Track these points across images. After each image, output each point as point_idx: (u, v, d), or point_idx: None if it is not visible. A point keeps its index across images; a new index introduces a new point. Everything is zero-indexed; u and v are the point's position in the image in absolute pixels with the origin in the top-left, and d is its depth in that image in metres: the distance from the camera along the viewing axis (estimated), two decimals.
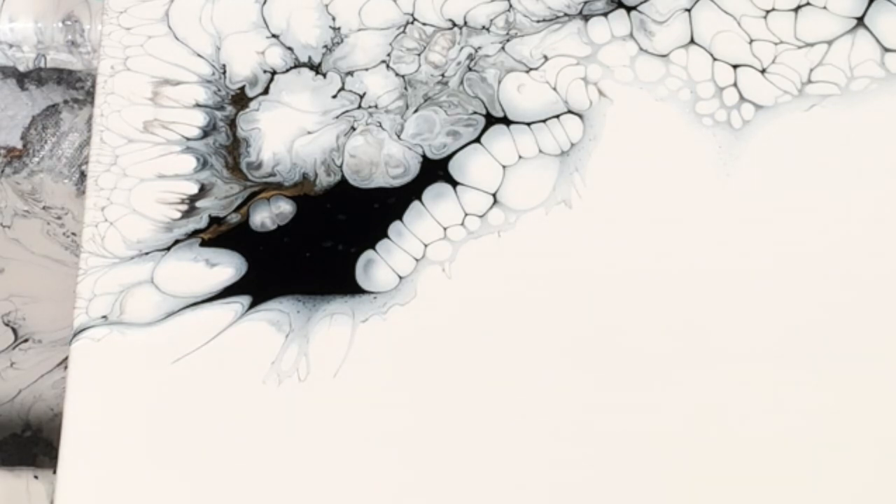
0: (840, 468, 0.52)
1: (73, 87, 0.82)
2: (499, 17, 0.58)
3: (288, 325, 0.54)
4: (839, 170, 0.55)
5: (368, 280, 0.54)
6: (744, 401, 0.53)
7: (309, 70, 0.57)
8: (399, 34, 0.58)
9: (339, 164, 0.56)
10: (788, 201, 0.55)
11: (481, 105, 0.56)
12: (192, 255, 0.55)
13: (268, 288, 0.54)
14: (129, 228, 0.55)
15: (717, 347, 0.53)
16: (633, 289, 0.54)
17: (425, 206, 0.55)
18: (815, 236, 0.55)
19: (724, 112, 0.56)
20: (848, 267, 0.54)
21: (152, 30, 0.58)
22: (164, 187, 0.56)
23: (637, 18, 0.57)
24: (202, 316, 0.54)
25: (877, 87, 0.56)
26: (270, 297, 0.54)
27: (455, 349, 0.53)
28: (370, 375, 0.53)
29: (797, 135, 0.56)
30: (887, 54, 0.57)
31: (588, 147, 0.56)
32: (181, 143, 0.56)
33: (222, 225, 0.55)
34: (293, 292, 0.54)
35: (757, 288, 0.54)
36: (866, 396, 0.53)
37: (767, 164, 0.55)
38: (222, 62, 0.57)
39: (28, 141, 0.81)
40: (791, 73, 0.56)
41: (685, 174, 0.55)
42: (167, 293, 0.54)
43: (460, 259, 0.55)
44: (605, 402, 0.53)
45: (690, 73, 0.56)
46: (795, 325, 0.54)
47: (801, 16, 0.57)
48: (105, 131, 0.56)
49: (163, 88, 0.57)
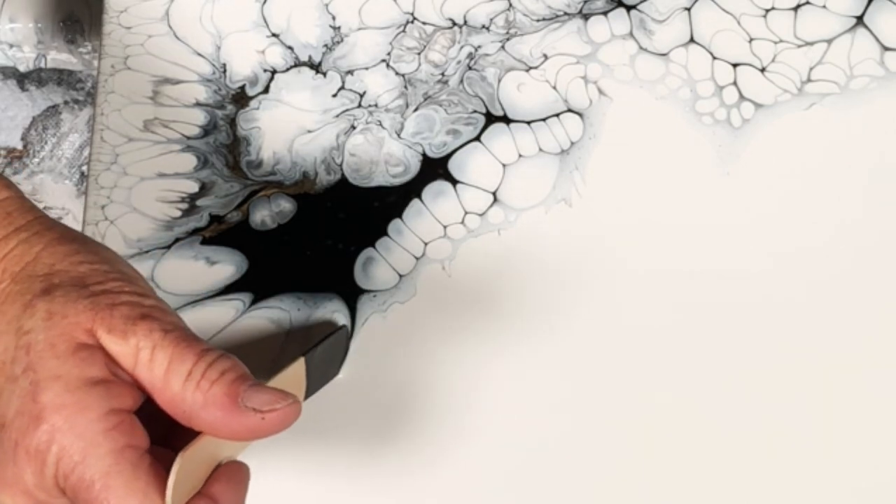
0: (840, 468, 0.52)
1: (73, 88, 0.82)
2: (499, 16, 0.58)
3: (288, 323, 0.54)
4: (839, 168, 0.55)
5: (368, 278, 0.54)
6: (743, 400, 0.53)
7: (309, 69, 0.57)
8: (399, 33, 0.58)
9: (340, 163, 0.56)
10: (788, 199, 0.55)
11: (481, 104, 0.56)
12: (192, 253, 0.55)
13: (268, 286, 0.54)
14: (130, 227, 0.55)
15: (717, 346, 0.53)
16: (633, 286, 0.54)
17: (425, 204, 0.55)
18: (814, 234, 0.55)
19: (723, 111, 0.56)
20: (847, 265, 0.54)
21: (153, 29, 0.58)
22: (165, 186, 0.56)
23: (637, 17, 0.57)
24: (203, 313, 0.54)
25: (876, 85, 0.56)
26: (271, 294, 0.54)
27: (455, 347, 0.53)
28: (370, 373, 0.53)
29: (797, 133, 0.56)
30: (887, 53, 0.57)
31: (588, 146, 0.56)
32: (181, 141, 0.56)
33: (223, 223, 0.55)
34: (294, 290, 0.54)
35: (756, 285, 0.54)
36: (866, 396, 0.53)
37: (767, 162, 0.56)
38: (223, 61, 0.57)
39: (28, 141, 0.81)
40: (791, 71, 0.56)
41: (685, 172, 0.55)
42: (168, 291, 0.54)
43: (460, 257, 0.55)
44: (605, 399, 0.53)
45: (690, 72, 0.56)
46: (795, 324, 0.54)
47: (801, 14, 0.57)
48: (105, 130, 0.56)
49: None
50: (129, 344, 0.41)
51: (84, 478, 0.39)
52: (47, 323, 0.41)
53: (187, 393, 0.41)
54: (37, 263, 0.43)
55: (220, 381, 0.41)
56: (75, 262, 0.43)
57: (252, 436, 0.41)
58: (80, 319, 0.41)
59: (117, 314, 0.41)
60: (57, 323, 0.41)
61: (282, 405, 0.41)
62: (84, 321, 0.41)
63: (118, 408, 0.40)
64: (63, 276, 0.42)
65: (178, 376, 0.41)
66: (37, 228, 0.44)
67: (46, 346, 0.40)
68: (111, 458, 0.39)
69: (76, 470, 0.39)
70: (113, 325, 0.41)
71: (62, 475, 0.39)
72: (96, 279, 0.42)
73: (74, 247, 0.43)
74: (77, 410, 0.40)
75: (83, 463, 0.39)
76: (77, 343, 0.41)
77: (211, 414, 0.40)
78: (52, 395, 0.40)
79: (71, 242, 0.43)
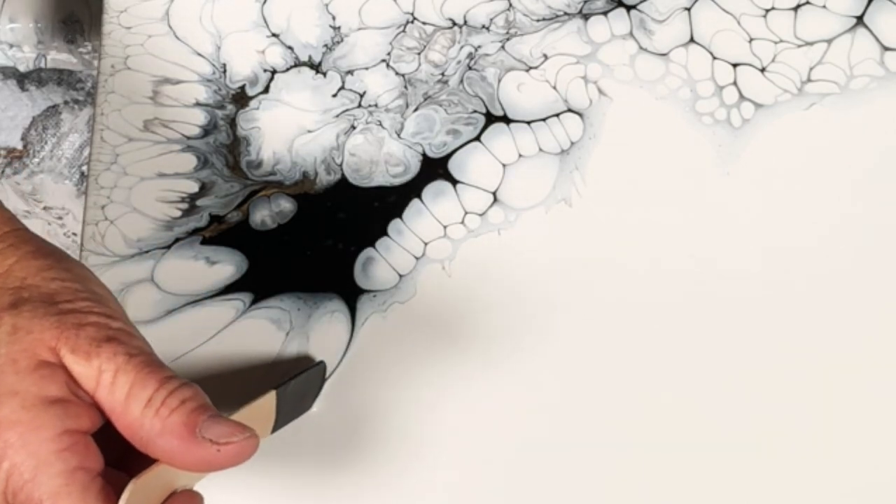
0: (840, 468, 0.52)
1: (73, 88, 0.82)
2: (499, 16, 0.58)
3: (288, 323, 0.54)
4: (839, 168, 0.55)
5: (368, 278, 0.54)
6: (743, 399, 0.53)
7: (309, 69, 0.57)
8: (399, 33, 0.58)
9: (340, 163, 0.56)
10: (788, 199, 0.55)
11: (481, 104, 0.56)
12: (192, 252, 0.55)
13: (268, 286, 0.54)
14: (130, 227, 0.55)
15: (717, 345, 0.53)
16: (633, 286, 0.54)
17: (425, 204, 0.55)
18: (814, 234, 0.55)
19: (723, 111, 0.56)
20: (847, 265, 0.54)
21: (153, 29, 0.58)
22: (165, 186, 0.56)
23: (637, 17, 0.57)
24: (203, 313, 0.54)
25: (876, 85, 0.56)
26: (271, 294, 0.54)
27: (455, 347, 0.53)
28: (370, 373, 0.53)
29: (797, 133, 0.56)
30: (887, 53, 0.57)
31: (588, 146, 0.56)
32: (181, 141, 0.56)
33: (223, 223, 0.55)
34: (294, 290, 0.54)
35: (756, 285, 0.54)
36: (866, 396, 0.53)
37: (767, 162, 0.56)
38: (223, 61, 0.57)
39: (28, 141, 0.81)
40: (791, 71, 0.56)
41: (685, 172, 0.55)
42: (168, 291, 0.54)
43: (460, 257, 0.55)
44: (605, 399, 0.53)
45: (690, 72, 0.56)
46: (795, 324, 0.54)
47: (801, 14, 0.57)
48: (105, 130, 0.56)
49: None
50: (92, 366, 0.41)
51: (33, 496, 0.39)
52: (11, 337, 0.41)
53: (146, 419, 0.40)
54: (8, 276, 0.42)
55: (179, 409, 0.40)
56: (47, 278, 0.42)
57: (207, 467, 0.41)
58: (45, 336, 0.41)
59: (83, 335, 0.41)
60: (21, 338, 0.40)
61: (238, 438, 0.41)
62: (48, 339, 0.40)
63: (74, 428, 0.40)
64: (33, 291, 0.42)
65: (138, 402, 0.40)
66: (12, 241, 0.44)
67: (8, 361, 0.40)
68: (62, 478, 0.39)
69: (25, 488, 0.39)
70: (77, 346, 0.41)
71: (11, 491, 0.39)
72: (66, 297, 0.42)
73: (48, 262, 0.43)
74: (31, 428, 0.39)
75: (33, 481, 0.39)
76: (39, 360, 0.40)
77: (167, 442, 0.40)
78: (7, 411, 0.39)
79: (45, 257, 0.43)
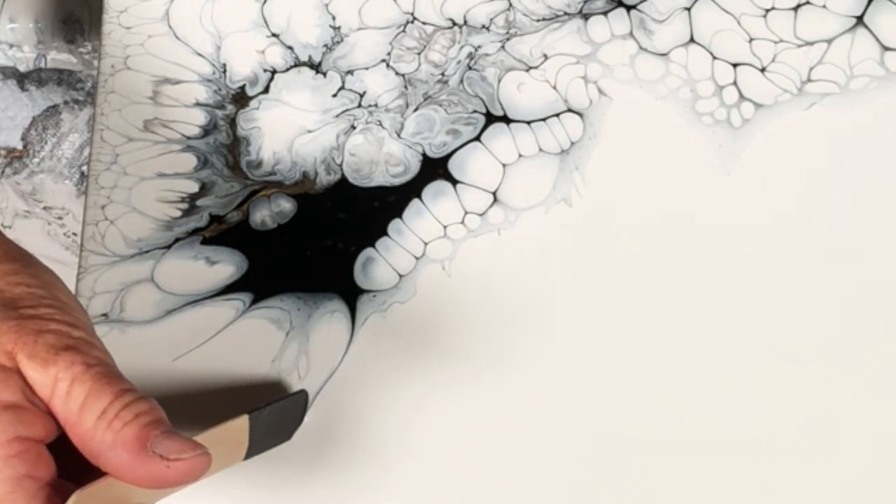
0: (839, 468, 0.52)
1: (73, 88, 0.82)
2: (499, 16, 0.58)
3: (288, 323, 0.54)
4: (839, 168, 0.55)
5: (368, 278, 0.54)
6: (743, 399, 0.53)
7: (309, 69, 0.57)
8: (399, 33, 0.58)
9: (340, 163, 0.56)
10: (788, 199, 0.55)
11: (481, 104, 0.56)
12: (192, 252, 0.55)
13: (268, 286, 0.54)
14: (130, 226, 0.55)
15: (717, 345, 0.53)
16: (633, 286, 0.54)
17: (425, 204, 0.55)
18: (814, 234, 0.55)
19: (723, 110, 0.56)
20: (847, 264, 0.54)
21: (153, 29, 0.58)
22: (165, 186, 0.56)
23: (637, 17, 0.57)
24: (203, 313, 0.54)
25: (876, 85, 0.56)
26: (271, 294, 0.54)
27: (455, 347, 0.53)
28: (370, 373, 0.53)
29: (797, 133, 0.56)
30: (887, 53, 0.57)
31: (588, 146, 0.56)
32: (181, 141, 0.56)
33: (223, 223, 0.55)
34: (294, 290, 0.54)
35: (755, 285, 0.54)
36: (866, 397, 0.53)
37: (767, 162, 0.56)
38: (223, 61, 0.57)
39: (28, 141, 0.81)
40: (791, 71, 0.56)
41: (685, 172, 0.55)
42: (167, 291, 0.54)
43: (460, 257, 0.55)
44: (606, 398, 0.53)
45: (690, 72, 0.56)
46: (795, 323, 0.54)
47: (801, 14, 0.57)
48: (105, 130, 0.56)
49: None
50: (49, 374, 0.40)
51: None
52: None
53: (98, 431, 0.40)
54: None
55: (132, 423, 0.40)
56: (11, 283, 0.42)
57: (156, 483, 0.40)
58: (2, 340, 0.40)
59: (41, 342, 0.40)
60: None
61: (189, 456, 0.40)
62: (5, 343, 0.40)
63: (25, 436, 0.40)
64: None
65: (92, 413, 0.40)
66: None
67: None
68: (8, 485, 0.39)
69: None
70: (35, 352, 0.40)
71: None
72: (29, 303, 0.42)
73: (15, 266, 0.43)
74: None
75: None
76: None
77: (117, 455, 0.40)
78: None
79: (13, 262, 0.43)
